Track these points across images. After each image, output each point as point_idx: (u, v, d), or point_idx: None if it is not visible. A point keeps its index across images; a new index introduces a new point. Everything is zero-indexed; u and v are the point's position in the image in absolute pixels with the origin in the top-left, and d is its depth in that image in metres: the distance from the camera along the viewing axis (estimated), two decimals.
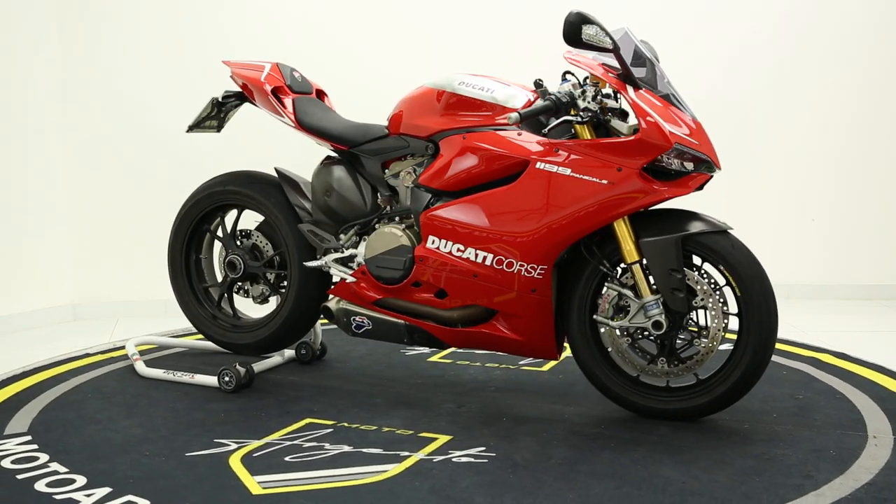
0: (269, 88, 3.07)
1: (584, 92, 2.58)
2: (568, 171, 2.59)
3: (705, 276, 2.64)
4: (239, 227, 3.32)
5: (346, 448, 2.51)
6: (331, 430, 2.67)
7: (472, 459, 2.41)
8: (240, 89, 3.25)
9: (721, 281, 2.65)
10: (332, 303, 3.05)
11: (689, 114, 2.62)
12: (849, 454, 2.39)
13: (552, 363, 3.39)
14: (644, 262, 2.62)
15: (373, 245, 2.91)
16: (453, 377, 3.25)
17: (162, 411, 2.88)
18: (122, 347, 3.70)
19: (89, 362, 3.50)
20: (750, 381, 2.61)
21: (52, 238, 4.30)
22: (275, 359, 3.41)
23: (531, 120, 2.69)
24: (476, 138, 2.72)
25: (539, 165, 2.61)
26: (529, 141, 2.66)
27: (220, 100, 3.24)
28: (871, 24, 4.58)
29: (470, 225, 2.71)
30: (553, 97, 2.55)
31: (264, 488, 2.23)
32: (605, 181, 2.55)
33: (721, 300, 2.61)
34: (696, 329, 2.66)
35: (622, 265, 2.72)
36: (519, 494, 2.17)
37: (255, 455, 2.46)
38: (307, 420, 2.77)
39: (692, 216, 2.65)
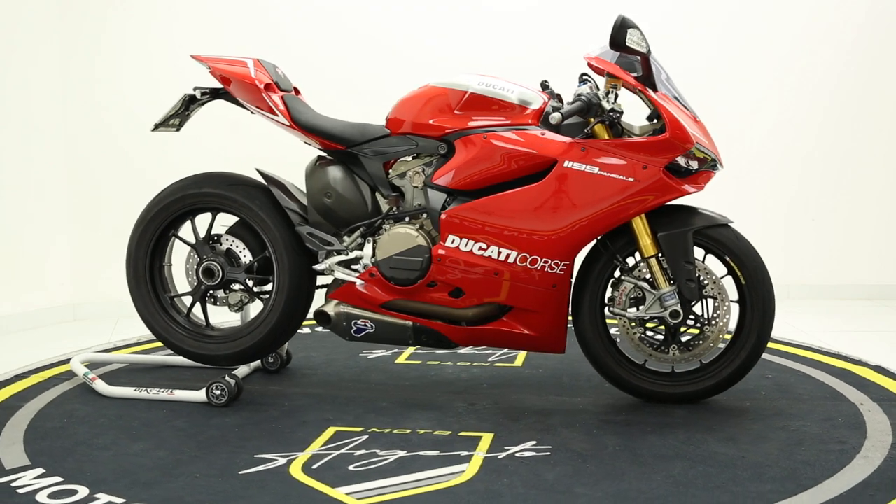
0: (261, 86, 2.93)
1: (607, 94, 2.70)
2: (596, 170, 2.69)
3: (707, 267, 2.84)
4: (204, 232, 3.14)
5: (402, 453, 2.47)
6: (366, 436, 2.61)
7: (535, 453, 2.46)
8: (214, 85, 3.07)
9: (720, 272, 2.86)
10: (330, 307, 2.96)
11: (693, 113, 2.81)
12: (856, 420, 2.68)
13: (522, 359, 3.49)
14: (660, 255, 2.78)
15: (386, 246, 2.86)
16: (437, 377, 3.26)
17: (168, 432, 2.67)
18: (50, 367, 3.39)
19: (31, 384, 3.16)
20: (752, 363, 2.84)
21: (52, 238, 4.30)
22: (242, 369, 3.25)
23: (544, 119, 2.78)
24: (500, 138, 2.75)
25: (567, 164, 2.70)
26: (554, 140, 2.74)
27: (197, 96, 3.04)
28: (872, 24, 4.60)
29: (494, 224, 2.75)
30: (584, 98, 2.65)
31: (359, 499, 2.15)
32: (631, 179, 2.69)
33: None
34: (694, 318, 2.85)
35: (631, 258, 2.87)
36: (612, 481, 2.24)
37: (313, 467, 2.37)
38: (333, 429, 2.68)
39: (694, 211, 2.85)
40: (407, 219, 2.91)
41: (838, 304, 4.65)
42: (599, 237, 2.84)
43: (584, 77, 2.83)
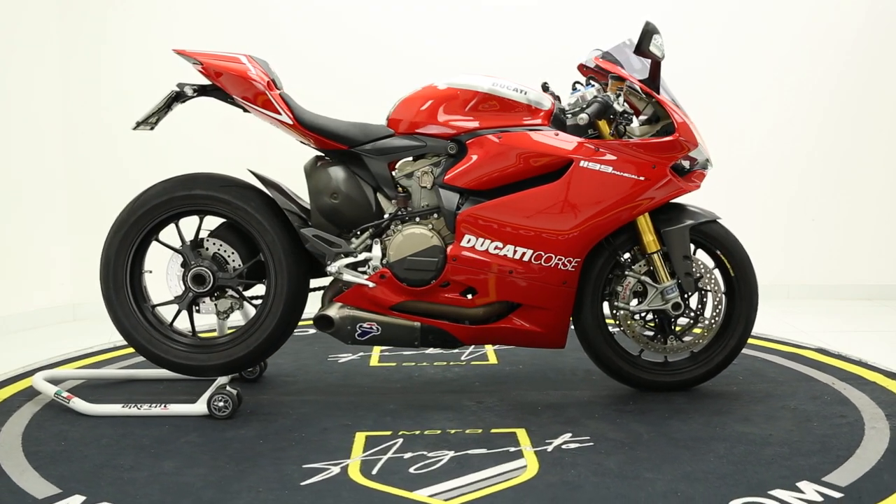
0: (264, 83, 2.81)
1: (617, 96, 2.81)
2: (609, 169, 2.80)
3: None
4: (184, 235, 2.98)
5: (451, 453, 2.46)
6: (400, 440, 2.58)
7: (580, 444, 2.52)
8: (202, 82, 2.92)
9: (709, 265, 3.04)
10: (334, 310, 2.89)
11: (686, 114, 2.97)
12: (839, 397, 2.94)
13: (494, 356, 3.54)
14: (663, 250, 2.92)
15: (401, 247, 2.83)
16: (423, 378, 3.25)
17: (188, 448, 2.52)
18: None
19: None
20: (739, 349, 3.04)
21: (52, 238, 4.29)
22: (221, 379, 3.10)
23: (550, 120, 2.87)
24: (516, 138, 2.80)
25: (583, 164, 2.79)
26: (568, 140, 2.81)
27: (189, 93, 2.88)
28: (872, 25, 4.60)
29: (513, 223, 2.79)
30: (601, 100, 2.75)
31: (447, 500, 2.14)
32: (642, 178, 2.81)
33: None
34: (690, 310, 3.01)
35: (628, 255, 2.99)
36: (672, 465, 2.35)
37: (373, 473, 2.32)
38: (361, 434, 2.63)
39: (685, 208, 3.01)
40: (417, 219, 2.89)
41: (838, 304, 4.65)
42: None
43: (590, 80, 2.92)
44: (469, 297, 2.87)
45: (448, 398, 2.99)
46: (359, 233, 2.89)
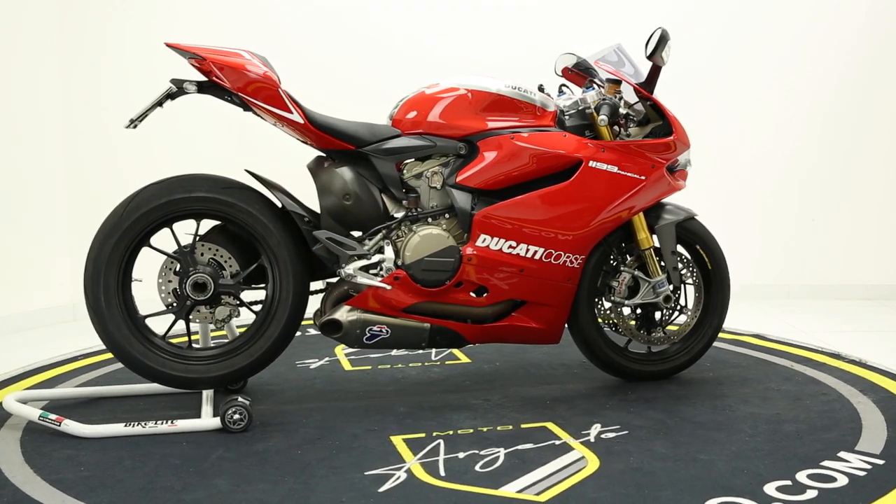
0: (277, 81, 2.70)
1: (619, 98, 2.94)
2: (615, 169, 2.91)
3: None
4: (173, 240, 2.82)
5: (502, 449, 2.48)
6: (440, 440, 2.57)
7: (617, 434, 2.61)
8: (200, 78, 2.76)
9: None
10: (342, 314, 2.82)
11: None
12: (808, 378, 3.20)
13: (464, 357, 3.57)
14: (654, 246, 3.07)
15: (418, 248, 2.81)
16: (409, 380, 3.23)
17: (226, 465, 2.38)
18: None
19: None
20: (714, 338, 3.25)
21: (52, 238, 4.29)
22: (207, 391, 2.96)
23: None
24: (529, 139, 2.85)
25: (592, 164, 2.88)
26: (577, 141, 2.90)
27: (189, 91, 2.70)
28: (872, 25, 4.64)
29: (528, 222, 2.84)
30: (609, 102, 2.86)
31: (536, 494, 2.16)
32: (643, 177, 2.95)
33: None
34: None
35: (617, 251, 3.12)
36: (716, 446, 2.48)
37: (442, 475, 2.30)
38: (398, 437, 2.59)
39: (666, 206, 3.17)
40: (428, 220, 2.87)
41: (838, 304, 4.68)
42: None
43: (589, 83, 3.03)
44: (475, 296, 2.88)
45: (452, 398, 2.99)
46: (367, 234, 2.83)
